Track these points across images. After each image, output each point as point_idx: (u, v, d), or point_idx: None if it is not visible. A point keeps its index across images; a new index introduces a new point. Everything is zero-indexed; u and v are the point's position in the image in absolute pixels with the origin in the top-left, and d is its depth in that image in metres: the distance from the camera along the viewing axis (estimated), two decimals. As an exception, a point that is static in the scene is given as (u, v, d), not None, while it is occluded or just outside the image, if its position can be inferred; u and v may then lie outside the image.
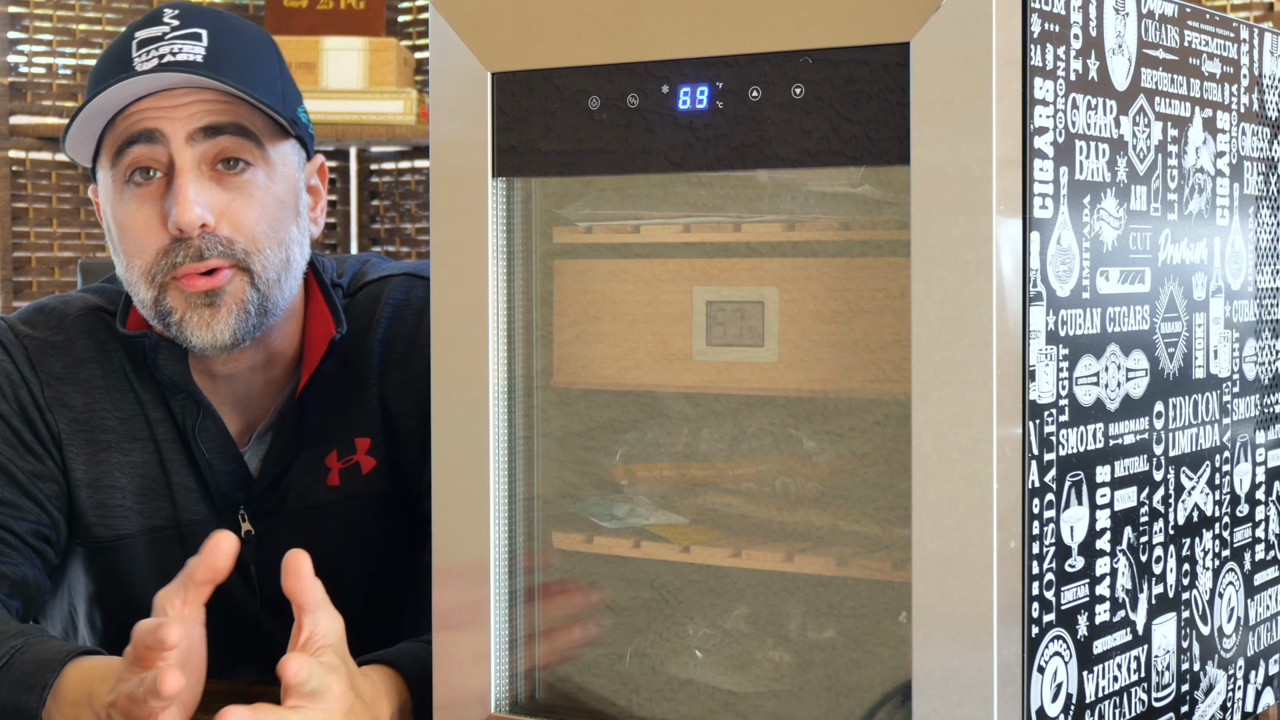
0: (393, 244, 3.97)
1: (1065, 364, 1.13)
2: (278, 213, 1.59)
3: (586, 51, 1.21)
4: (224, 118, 1.55)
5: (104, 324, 1.66)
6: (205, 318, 1.55)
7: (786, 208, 1.19)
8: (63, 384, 1.62)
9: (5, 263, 3.53)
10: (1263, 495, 1.42)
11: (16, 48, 3.63)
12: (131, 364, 1.64)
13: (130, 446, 1.63)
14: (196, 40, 1.56)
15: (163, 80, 1.53)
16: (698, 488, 1.25)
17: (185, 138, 1.54)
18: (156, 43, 1.56)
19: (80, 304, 1.68)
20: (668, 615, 1.26)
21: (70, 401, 1.62)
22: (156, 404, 1.64)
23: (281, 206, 1.59)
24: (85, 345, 1.64)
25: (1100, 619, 1.17)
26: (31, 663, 1.36)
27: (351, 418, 1.66)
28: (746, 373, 1.21)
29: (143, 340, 1.61)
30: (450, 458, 1.27)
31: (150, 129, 1.55)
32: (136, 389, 1.63)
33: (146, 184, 1.56)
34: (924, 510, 1.08)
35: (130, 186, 1.56)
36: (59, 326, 1.65)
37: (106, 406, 1.63)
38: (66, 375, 1.62)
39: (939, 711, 1.08)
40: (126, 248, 1.58)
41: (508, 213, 1.26)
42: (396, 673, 1.38)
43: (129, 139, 1.55)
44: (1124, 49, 1.19)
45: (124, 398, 1.63)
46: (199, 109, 1.55)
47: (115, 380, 1.63)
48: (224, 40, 1.57)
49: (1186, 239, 1.28)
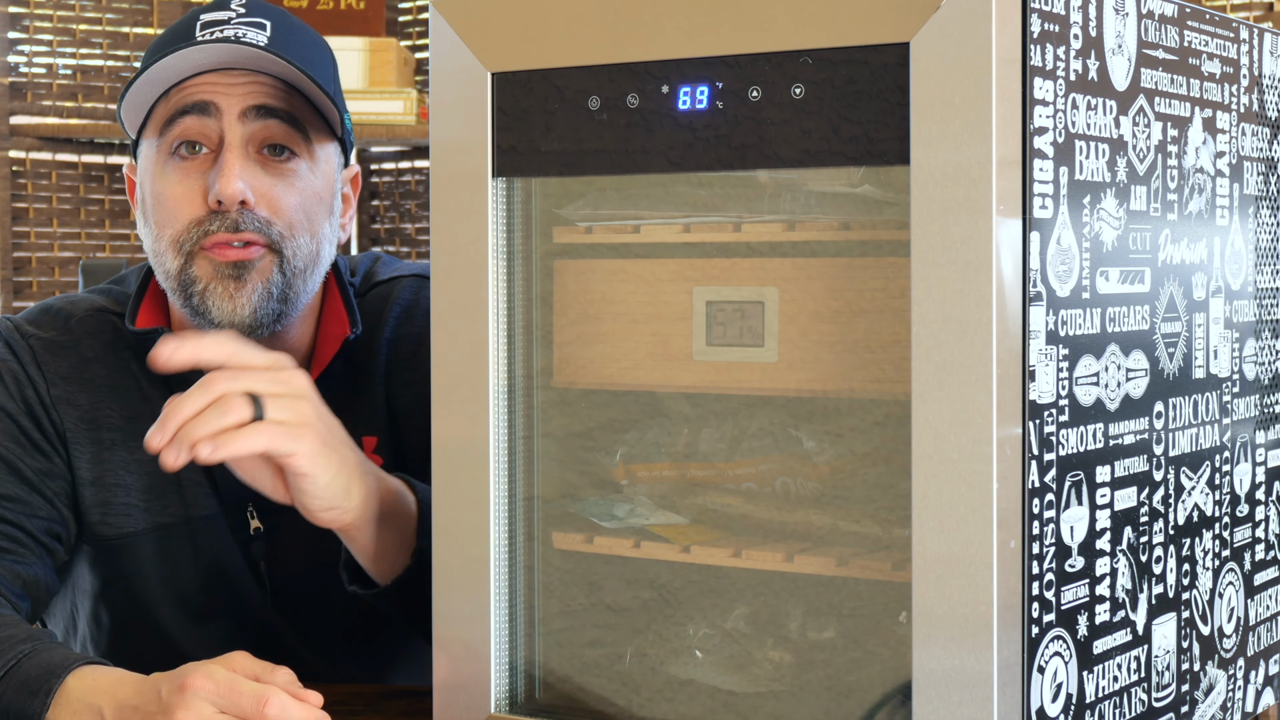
0: (393, 244, 3.97)
1: (1065, 364, 1.13)
2: (315, 205, 1.60)
3: (586, 51, 1.21)
4: (279, 102, 1.57)
5: (110, 325, 1.66)
6: (230, 290, 1.56)
7: (786, 208, 1.19)
8: (68, 383, 1.62)
9: (5, 263, 3.53)
10: (1263, 495, 1.42)
11: (16, 48, 3.63)
12: (139, 363, 1.64)
13: (138, 444, 1.63)
14: (261, 29, 1.57)
15: (228, 53, 1.55)
16: (698, 488, 1.25)
17: (238, 114, 1.56)
18: (221, 25, 1.57)
19: (86, 305, 1.68)
20: (668, 615, 1.26)
21: (76, 400, 1.62)
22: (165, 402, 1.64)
23: (319, 201, 1.61)
24: (91, 345, 1.65)
25: (1100, 619, 1.17)
26: (38, 668, 1.36)
27: (358, 416, 1.67)
28: (746, 373, 1.21)
29: (155, 335, 1.61)
30: (450, 458, 1.27)
31: (205, 101, 1.56)
32: (144, 388, 1.64)
33: (192, 158, 1.57)
34: (924, 510, 1.08)
35: (175, 159, 1.57)
36: (65, 327, 1.66)
37: (112, 405, 1.63)
38: (72, 374, 1.63)
39: (939, 711, 1.08)
40: (160, 217, 1.58)
41: (508, 213, 1.27)
42: (411, 490, 1.44)
43: (182, 109, 1.57)
44: (1124, 49, 1.19)
45: (131, 396, 1.64)
46: (256, 89, 1.57)
47: (122, 380, 1.64)
48: (288, 34, 1.59)
49: (1186, 239, 1.28)
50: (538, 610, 1.29)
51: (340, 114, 1.61)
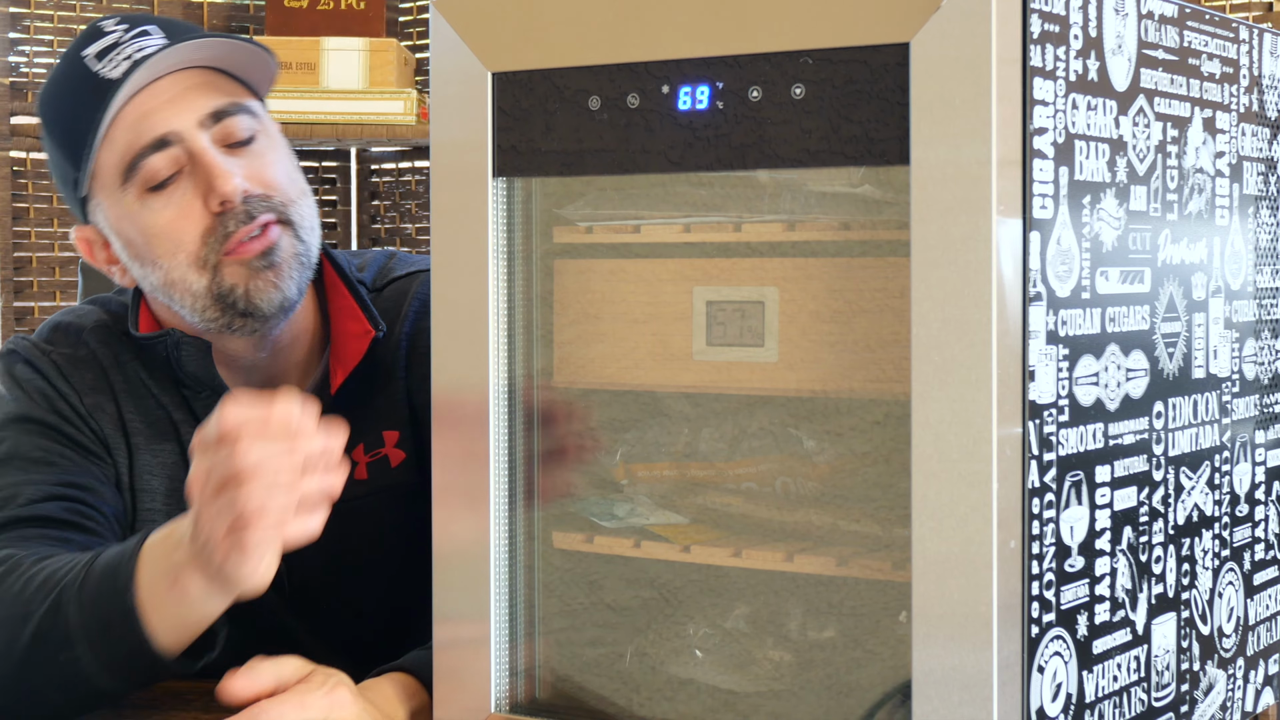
0: (393, 244, 3.97)
1: (1065, 364, 1.13)
2: (293, 168, 1.63)
3: (586, 51, 1.21)
4: (223, 99, 1.58)
5: (114, 335, 1.66)
6: (270, 279, 1.57)
7: (786, 208, 1.19)
8: (96, 393, 1.63)
9: (5, 263, 3.53)
10: (1262, 495, 1.42)
11: (17, 48, 3.63)
12: (147, 370, 1.64)
13: (159, 448, 1.64)
14: (148, 36, 1.57)
15: (163, 63, 1.54)
16: (698, 487, 1.25)
17: (196, 124, 1.56)
18: (114, 50, 1.56)
19: (91, 318, 1.69)
20: (668, 615, 1.26)
21: (105, 408, 1.63)
22: (179, 405, 1.64)
23: (293, 161, 1.64)
24: (104, 355, 1.65)
25: (1100, 619, 1.17)
26: (112, 553, 1.37)
27: (379, 411, 1.67)
28: (746, 373, 1.21)
29: (164, 340, 1.61)
30: (450, 457, 1.27)
31: (159, 136, 1.55)
32: (156, 394, 1.64)
33: (168, 185, 1.56)
34: (924, 510, 1.08)
35: (152, 194, 1.56)
36: (79, 340, 1.66)
37: (133, 412, 1.64)
38: (97, 385, 1.63)
39: (939, 711, 1.08)
40: (162, 249, 1.57)
41: (508, 213, 1.27)
42: (410, 676, 1.38)
43: (139, 153, 1.56)
44: (1124, 49, 1.20)
45: (146, 403, 1.64)
46: (197, 97, 1.57)
47: (135, 387, 1.64)
48: (171, 27, 1.60)
49: (1186, 239, 1.28)
50: (538, 610, 1.29)
51: (270, 65, 1.62)
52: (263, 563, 1.22)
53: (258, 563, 1.22)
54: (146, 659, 1.33)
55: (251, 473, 1.20)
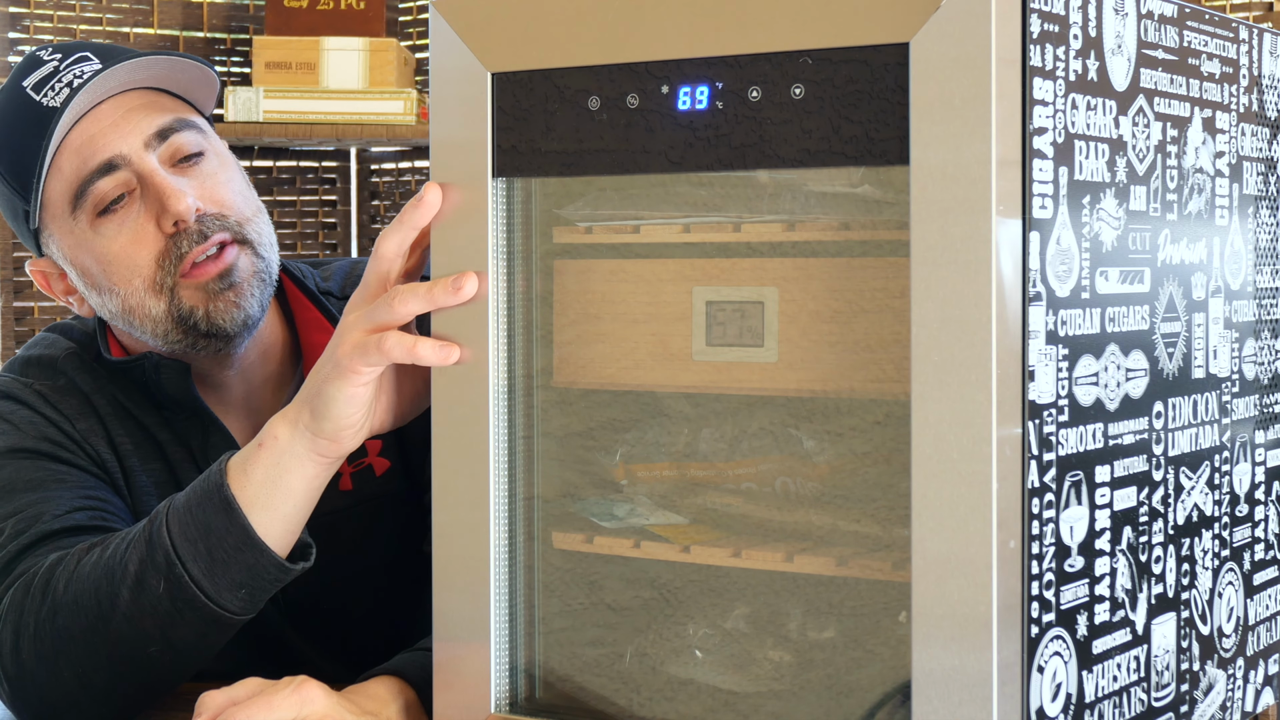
0: (393, 244, 3.96)
1: (1065, 364, 1.13)
2: (244, 185, 1.63)
3: (586, 51, 1.21)
4: (167, 117, 1.57)
5: (86, 363, 1.65)
6: (230, 299, 1.56)
7: (786, 208, 1.19)
8: (84, 418, 1.62)
9: (5, 263, 3.53)
10: (1262, 495, 1.42)
11: (17, 48, 3.63)
12: (124, 393, 1.64)
13: (150, 468, 1.64)
14: (88, 61, 1.56)
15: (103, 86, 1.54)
16: (698, 488, 1.25)
17: (143, 145, 1.55)
18: (52, 78, 1.56)
19: (61, 346, 1.67)
20: (668, 615, 1.26)
21: (96, 432, 1.62)
22: (162, 426, 1.64)
23: (243, 177, 1.63)
24: (83, 382, 1.64)
25: (1100, 619, 1.17)
26: (191, 484, 1.38)
27: None
28: (746, 373, 1.21)
29: (142, 363, 1.61)
30: (450, 458, 1.27)
31: (106, 160, 1.55)
32: (138, 416, 1.63)
33: (119, 207, 1.56)
34: (924, 510, 1.08)
35: (103, 218, 1.56)
36: (56, 371, 1.65)
37: (121, 435, 1.63)
38: (83, 410, 1.62)
39: (939, 711, 1.08)
40: (119, 274, 1.57)
41: (508, 213, 1.27)
42: (398, 678, 1.38)
43: (86, 178, 1.55)
44: (1123, 49, 1.20)
45: (129, 425, 1.63)
46: (141, 117, 1.56)
47: (118, 411, 1.64)
48: (107, 51, 1.60)
49: (1186, 239, 1.28)
50: (538, 610, 1.29)
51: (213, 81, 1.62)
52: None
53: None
54: (253, 552, 1.33)
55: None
